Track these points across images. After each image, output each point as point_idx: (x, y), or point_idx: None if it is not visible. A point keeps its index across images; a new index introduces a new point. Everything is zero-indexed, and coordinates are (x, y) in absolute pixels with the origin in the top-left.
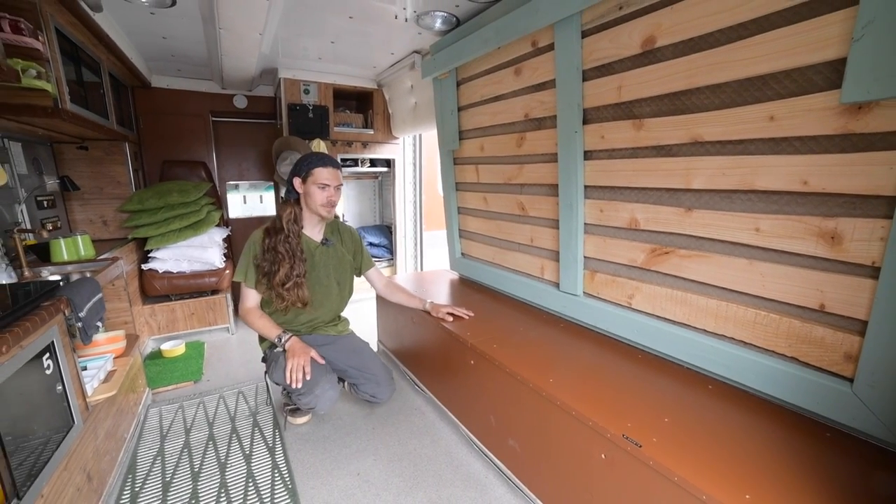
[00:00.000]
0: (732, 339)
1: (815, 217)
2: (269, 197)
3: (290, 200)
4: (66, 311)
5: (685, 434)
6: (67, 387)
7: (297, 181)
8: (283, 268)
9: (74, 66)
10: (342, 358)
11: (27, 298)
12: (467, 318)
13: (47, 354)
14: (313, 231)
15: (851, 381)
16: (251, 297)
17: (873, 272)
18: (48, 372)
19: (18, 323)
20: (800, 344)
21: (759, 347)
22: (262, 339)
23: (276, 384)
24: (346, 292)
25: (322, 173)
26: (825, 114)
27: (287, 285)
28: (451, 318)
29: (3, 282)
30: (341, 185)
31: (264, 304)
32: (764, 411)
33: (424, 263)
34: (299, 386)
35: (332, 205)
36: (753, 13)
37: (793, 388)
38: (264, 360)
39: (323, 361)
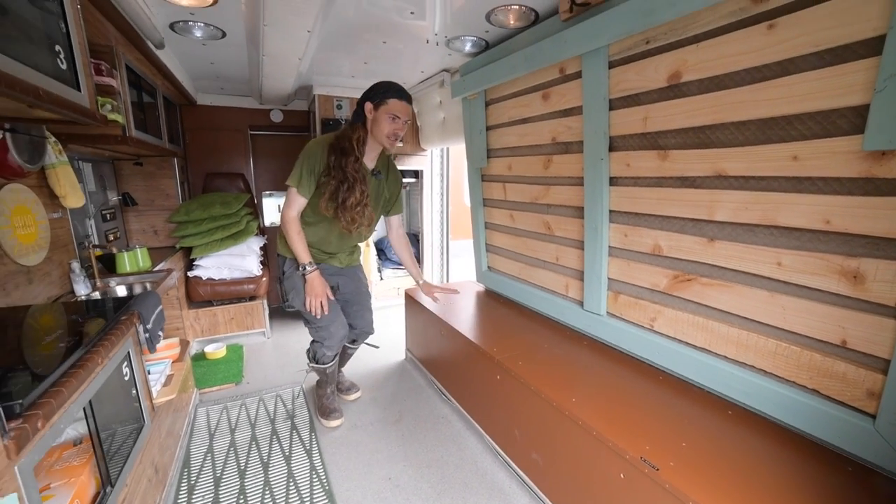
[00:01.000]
0: (753, 367)
1: (837, 255)
2: None
3: (357, 124)
4: (136, 324)
5: (702, 459)
6: (139, 390)
7: (368, 105)
8: (356, 190)
9: (136, 94)
10: (348, 288)
11: (108, 314)
12: (455, 293)
13: (126, 363)
14: (368, 158)
15: (874, 417)
16: (296, 205)
17: None
18: (126, 378)
19: (106, 337)
20: (821, 377)
21: (779, 377)
22: (284, 245)
23: (292, 307)
24: (373, 226)
25: (396, 105)
26: (848, 157)
27: (358, 208)
28: (437, 300)
29: (82, 291)
30: (409, 120)
31: (309, 214)
32: (783, 440)
33: (450, 271)
34: (318, 317)
35: (398, 138)
36: (777, 56)
37: (813, 420)
38: (279, 256)
39: (334, 298)
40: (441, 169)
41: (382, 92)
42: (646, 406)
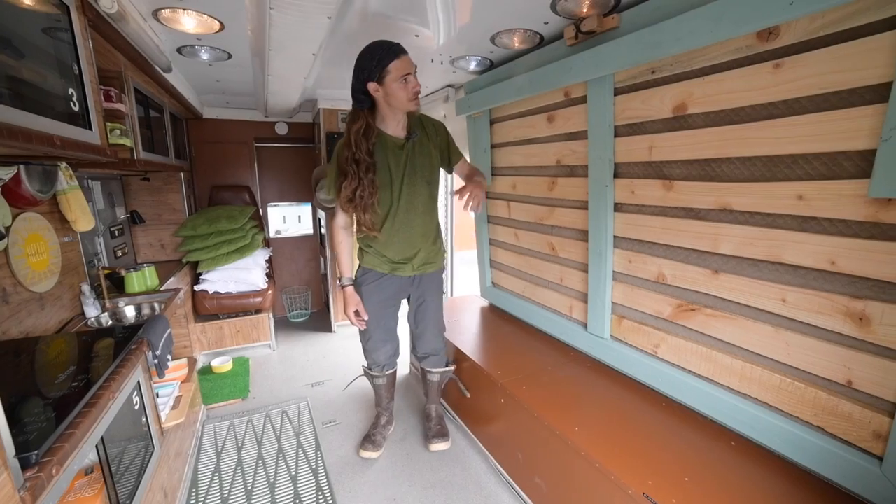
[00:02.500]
0: (757, 400)
1: (842, 296)
2: (307, 215)
3: (362, 111)
4: (146, 352)
5: (705, 496)
6: (149, 417)
7: (371, 86)
8: (350, 185)
9: (144, 110)
10: (417, 302)
11: (118, 345)
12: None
13: (136, 392)
14: (397, 129)
15: (881, 459)
16: (338, 215)
17: None
18: (136, 408)
19: (117, 370)
20: (826, 415)
21: (783, 412)
22: (361, 254)
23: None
24: (435, 192)
25: (398, 66)
26: (855, 200)
27: (353, 203)
28: (463, 195)
29: (93, 313)
30: (416, 66)
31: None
32: (788, 476)
33: (455, 281)
34: (363, 332)
35: (418, 93)
36: (783, 95)
37: (818, 458)
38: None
39: (366, 317)
40: (445, 180)
41: (377, 63)
42: (649, 434)
